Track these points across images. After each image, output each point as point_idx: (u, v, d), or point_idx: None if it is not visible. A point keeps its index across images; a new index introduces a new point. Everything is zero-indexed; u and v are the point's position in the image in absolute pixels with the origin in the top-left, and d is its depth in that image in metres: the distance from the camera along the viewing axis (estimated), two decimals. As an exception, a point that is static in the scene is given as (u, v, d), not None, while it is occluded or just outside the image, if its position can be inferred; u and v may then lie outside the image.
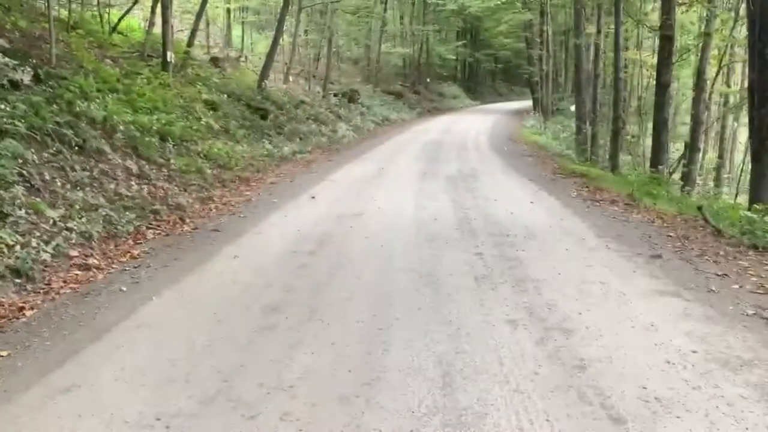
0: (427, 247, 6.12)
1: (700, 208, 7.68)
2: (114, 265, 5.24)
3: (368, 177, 10.80)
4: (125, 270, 5.16)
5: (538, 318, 4.23)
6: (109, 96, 8.28)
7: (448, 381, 3.29)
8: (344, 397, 3.11)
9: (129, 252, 5.60)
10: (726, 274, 5.36)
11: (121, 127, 7.71)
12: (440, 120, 27.28)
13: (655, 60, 14.92)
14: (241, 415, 2.93)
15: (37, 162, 5.91)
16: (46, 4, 9.16)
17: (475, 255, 5.85)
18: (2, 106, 6.04)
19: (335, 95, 21.94)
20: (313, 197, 8.71)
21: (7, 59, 6.75)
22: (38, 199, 5.46)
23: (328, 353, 3.62)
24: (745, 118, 14.78)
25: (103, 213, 5.96)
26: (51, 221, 5.32)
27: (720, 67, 18.75)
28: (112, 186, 6.67)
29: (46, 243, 5.02)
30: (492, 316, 4.27)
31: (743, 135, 22.92)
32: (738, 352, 3.71)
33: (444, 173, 11.54)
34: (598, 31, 17.82)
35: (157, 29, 13.29)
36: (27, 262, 4.62)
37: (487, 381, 3.30)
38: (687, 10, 16.70)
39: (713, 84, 18.99)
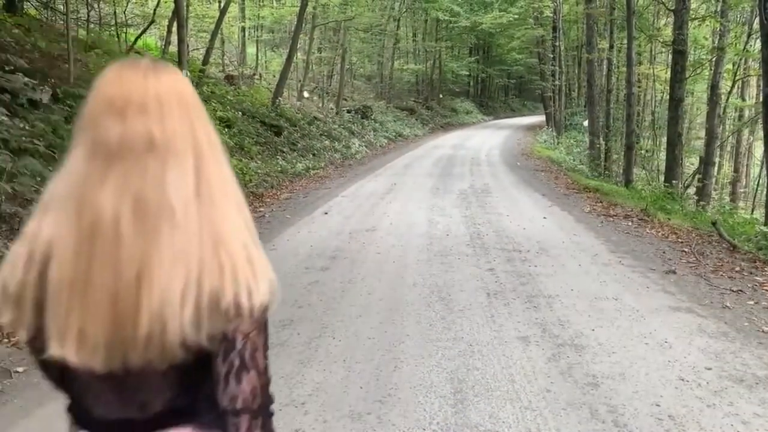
0: (438, 263, 6.12)
1: (714, 223, 7.62)
2: (129, 282, 5.29)
3: (381, 192, 10.84)
4: (140, 286, 5.21)
5: (550, 334, 4.22)
6: (126, 114, 8.40)
7: (459, 398, 3.28)
8: (356, 413, 3.12)
9: (144, 268, 5.65)
10: (741, 290, 5.31)
11: (137, 145, 7.81)
12: (453, 135, 27.37)
13: (668, 75, 14.89)
14: (253, 431, 2.95)
15: (54, 180, 6.01)
16: (65, 25, 9.35)
17: (487, 270, 5.85)
18: (22, 125, 6.16)
19: (348, 111, 22.11)
20: (326, 213, 8.75)
21: (26, 79, 6.89)
22: (55, 217, 5.55)
23: (340, 370, 3.63)
24: (760, 132, 14.70)
25: (119, 230, 6.03)
26: (68, 238, 5.39)
27: (734, 81, 18.70)
28: (128, 203, 6.75)
29: (63, 260, 5.08)
30: (504, 332, 4.26)
31: (759, 149, 22.77)
32: (753, 370, 3.67)
33: (456, 189, 11.56)
34: (611, 47, 17.83)
35: (173, 48, 13.53)
36: (44, 279, 4.67)
37: (498, 398, 3.29)
38: (700, 25, 16.73)
39: (727, 98, 18.93)
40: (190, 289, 0.93)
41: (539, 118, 37.55)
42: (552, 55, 27.98)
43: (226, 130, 11.79)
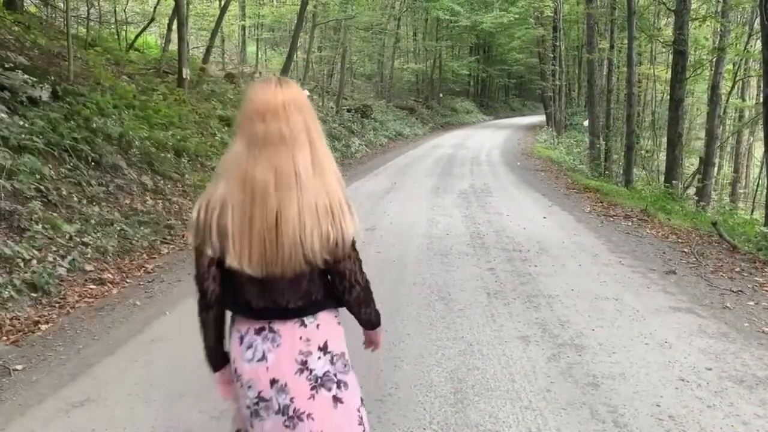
0: (439, 262, 6.11)
1: (714, 224, 7.62)
2: (128, 280, 5.29)
3: (381, 192, 10.83)
4: (139, 284, 5.20)
5: (550, 334, 4.21)
6: (126, 112, 8.39)
7: (459, 398, 3.28)
8: (355, 412, 3.10)
9: (143, 266, 5.65)
10: (741, 291, 5.31)
11: (137, 143, 7.80)
12: (453, 135, 27.36)
13: (668, 75, 14.89)
14: (252, 430, 2.94)
15: (54, 177, 6.00)
16: (65, 22, 9.33)
17: (488, 270, 5.84)
18: (21, 123, 6.14)
19: (348, 111, 22.07)
20: (325, 212, 8.71)
21: (26, 76, 6.87)
22: (55, 214, 5.54)
23: (340, 369, 3.61)
24: (760, 133, 14.68)
25: (118, 228, 6.03)
26: (67, 236, 5.38)
27: (734, 82, 18.70)
28: (128, 201, 6.74)
29: (62, 257, 5.08)
30: (504, 332, 4.25)
31: (759, 150, 22.76)
32: (754, 370, 3.67)
33: (456, 188, 11.55)
34: (611, 47, 17.81)
35: (173, 46, 13.51)
36: (43, 277, 4.67)
37: (498, 398, 3.28)
38: (700, 25, 16.72)
39: (728, 99, 18.92)
40: (315, 227, 1.57)
41: (539, 118, 37.55)
42: (552, 55, 27.97)
43: (226, 128, 11.75)
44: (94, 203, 6.20)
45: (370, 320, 1.88)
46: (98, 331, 4.17)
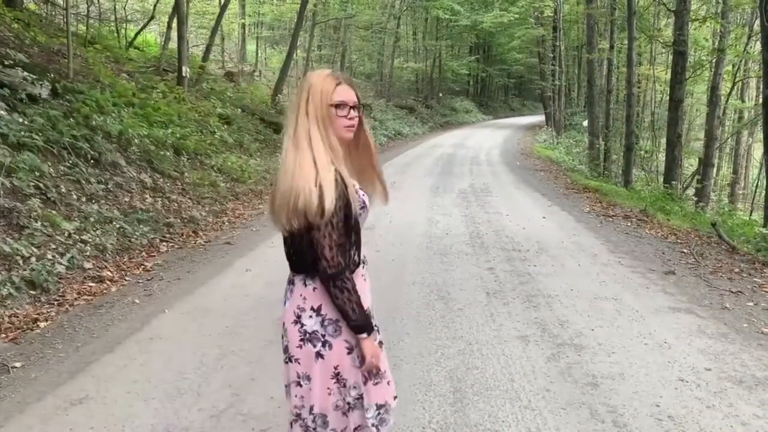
0: (438, 262, 6.11)
1: (714, 225, 7.62)
2: (127, 278, 5.28)
3: (380, 191, 10.79)
4: (138, 282, 5.20)
5: (549, 334, 4.21)
6: (125, 110, 8.38)
7: (459, 397, 3.27)
8: (354, 411, 3.10)
9: (142, 264, 5.64)
10: (741, 291, 5.31)
11: (137, 141, 7.79)
12: (452, 134, 27.35)
13: (668, 75, 14.89)
14: (251, 429, 2.94)
15: (53, 175, 5.99)
16: (65, 20, 9.31)
17: (487, 270, 5.84)
18: (20, 120, 6.13)
19: (348, 109, 22.03)
20: (325, 211, 8.70)
21: (25, 73, 6.86)
22: (54, 212, 5.53)
23: (339, 367, 3.61)
24: (759, 134, 14.68)
25: (118, 226, 6.02)
26: (66, 233, 5.37)
27: (734, 83, 18.71)
28: (127, 199, 6.73)
29: (61, 255, 5.07)
30: (503, 331, 4.25)
31: (758, 151, 22.78)
32: (753, 371, 3.67)
33: (456, 188, 11.55)
34: (611, 47, 17.81)
35: (173, 44, 13.50)
36: (42, 274, 4.66)
37: (498, 397, 3.28)
38: (700, 26, 16.72)
39: (727, 99, 18.93)
40: (285, 199, 1.81)
41: (539, 118, 37.55)
42: (552, 55, 27.97)
43: (226, 126, 11.75)
44: (93, 201, 6.19)
45: (345, 313, 1.91)
46: (97, 329, 4.17)
